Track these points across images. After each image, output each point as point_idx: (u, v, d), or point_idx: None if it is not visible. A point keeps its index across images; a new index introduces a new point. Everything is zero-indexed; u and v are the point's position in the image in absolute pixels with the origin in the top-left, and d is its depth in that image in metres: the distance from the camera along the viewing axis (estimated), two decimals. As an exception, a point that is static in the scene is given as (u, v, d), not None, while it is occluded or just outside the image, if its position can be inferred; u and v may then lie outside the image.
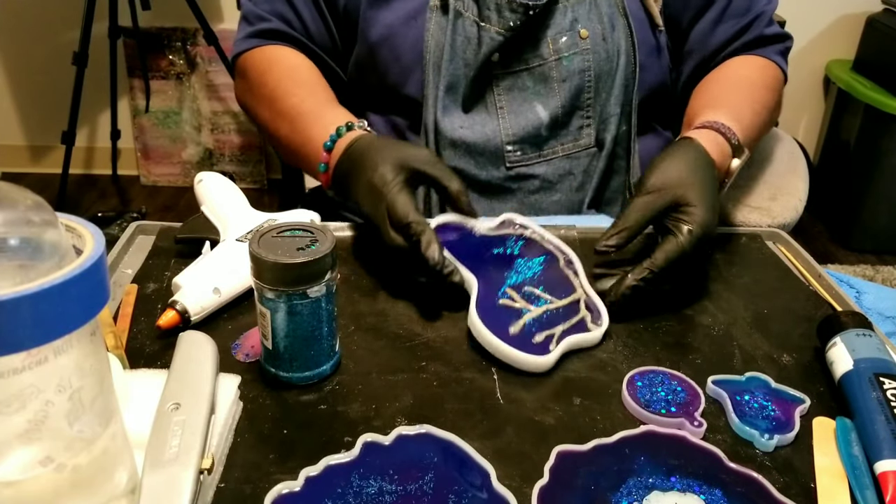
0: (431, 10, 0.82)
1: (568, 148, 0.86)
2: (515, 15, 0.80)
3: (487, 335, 0.55)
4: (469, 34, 0.82)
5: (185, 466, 0.40)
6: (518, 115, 0.84)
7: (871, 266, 2.14)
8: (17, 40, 2.43)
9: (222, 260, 0.63)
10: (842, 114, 2.30)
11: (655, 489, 0.45)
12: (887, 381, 0.51)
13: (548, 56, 0.83)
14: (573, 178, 0.87)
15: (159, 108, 2.50)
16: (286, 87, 0.82)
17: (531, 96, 0.84)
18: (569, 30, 0.83)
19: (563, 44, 0.83)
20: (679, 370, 0.56)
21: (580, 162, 0.87)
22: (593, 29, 0.83)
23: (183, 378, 0.46)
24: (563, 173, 0.86)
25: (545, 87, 0.84)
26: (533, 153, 0.86)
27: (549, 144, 0.86)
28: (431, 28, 0.82)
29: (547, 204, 0.87)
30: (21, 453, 0.34)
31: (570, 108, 0.85)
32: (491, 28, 0.81)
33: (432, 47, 0.82)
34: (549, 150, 0.86)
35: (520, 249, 0.66)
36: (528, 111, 0.84)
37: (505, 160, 0.85)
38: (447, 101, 0.83)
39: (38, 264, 0.31)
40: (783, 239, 0.78)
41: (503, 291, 0.60)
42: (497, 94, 0.84)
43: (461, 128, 0.84)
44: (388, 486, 0.44)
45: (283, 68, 0.84)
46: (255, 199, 2.09)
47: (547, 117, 0.84)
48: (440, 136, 0.84)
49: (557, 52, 0.83)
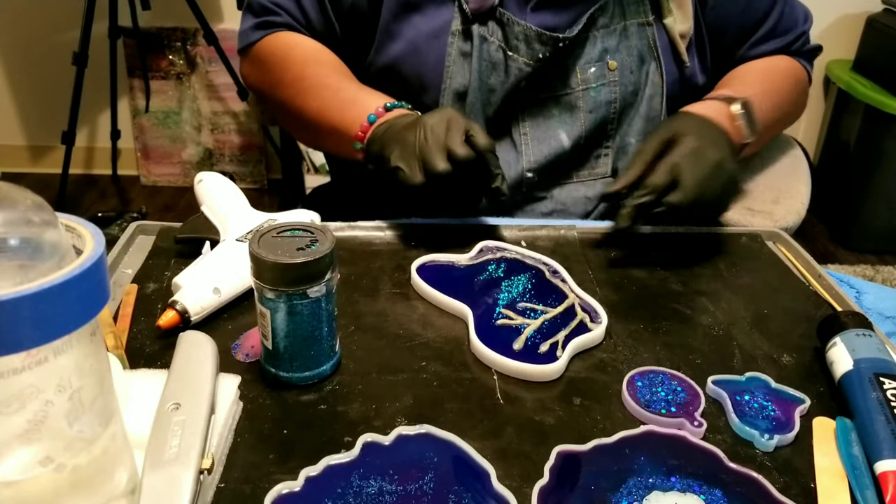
0: (453, 35, 0.81)
1: (584, 175, 0.87)
2: (545, 47, 0.79)
3: (494, 356, 0.56)
4: (495, 60, 0.81)
5: (185, 466, 0.40)
6: (541, 142, 0.84)
7: (871, 266, 2.14)
8: (17, 40, 2.43)
9: (222, 260, 0.63)
10: (842, 114, 2.30)
11: (655, 489, 0.45)
12: (887, 381, 0.51)
13: (575, 86, 0.83)
14: (588, 202, 0.87)
15: (159, 108, 2.50)
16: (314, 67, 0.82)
17: (556, 124, 0.84)
18: (598, 60, 0.83)
19: (591, 74, 0.83)
20: (679, 370, 0.56)
21: (595, 189, 0.87)
22: (622, 61, 0.83)
23: (183, 378, 0.46)
24: (577, 197, 0.87)
25: (571, 115, 0.84)
26: (550, 179, 0.86)
27: (567, 173, 0.86)
28: (453, 52, 0.81)
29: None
30: (21, 453, 0.34)
31: (592, 138, 0.85)
32: (519, 58, 0.80)
33: (453, 71, 0.81)
34: (565, 178, 0.86)
35: (503, 271, 0.67)
36: (552, 138, 0.84)
37: (523, 185, 0.85)
38: None
39: (38, 264, 0.31)
40: (783, 239, 0.78)
41: (498, 312, 0.61)
42: (521, 120, 0.84)
43: None
44: (388, 486, 0.44)
45: (306, 50, 0.84)
46: (255, 199, 2.08)
47: (570, 145, 0.84)
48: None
49: (585, 83, 0.83)
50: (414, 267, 0.67)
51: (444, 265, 0.68)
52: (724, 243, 0.77)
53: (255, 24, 0.87)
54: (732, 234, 0.79)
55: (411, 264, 0.67)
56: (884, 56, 2.15)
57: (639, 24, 0.83)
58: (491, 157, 0.67)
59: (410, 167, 0.66)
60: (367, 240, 0.74)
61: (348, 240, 0.73)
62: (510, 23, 0.79)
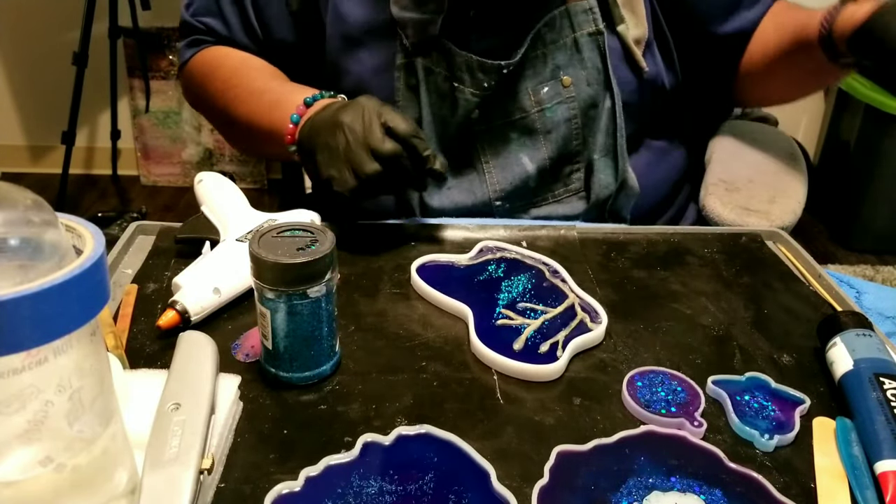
0: (399, 69, 0.79)
1: (559, 194, 0.84)
2: (489, 76, 0.77)
3: (494, 356, 0.56)
4: (442, 91, 0.79)
5: (185, 466, 0.40)
6: (504, 169, 0.82)
7: (871, 266, 2.14)
8: (17, 40, 2.43)
9: (222, 260, 0.63)
10: (842, 114, 2.30)
11: (655, 489, 0.45)
12: (887, 381, 0.51)
13: (529, 108, 0.80)
14: (564, 217, 0.85)
15: (159, 108, 2.50)
16: (242, 74, 0.81)
17: (516, 149, 0.82)
18: (550, 79, 0.79)
19: (544, 94, 0.80)
20: (679, 370, 0.56)
21: (572, 206, 0.85)
22: (576, 75, 0.80)
23: (183, 378, 0.46)
24: (553, 215, 0.85)
25: (530, 139, 0.81)
26: (522, 203, 0.84)
27: (538, 194, 0.84)
28: (401, 87, 0.79)
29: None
30: (21, 453, 0.34)
31: (557, 158, 0.82)
32: (465, 89, 0.78)
33: (403, 106, 0.80)
34: (539, 198, 0.84)
35: (503, 271, 0.67)
36: (515, 164, 0.82)
37: (493, 211, 0.84)
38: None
39: (38, 264, 0.31)
40: (783, 239, 0.78)
41: (498, 313, 0.61)
42: (482, 150, 0.82)
43: (449, 188, 0.83)
44: (388, 486, 0.44)
45: (234, 60, 0.84)
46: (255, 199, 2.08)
47: (534, 169, 0.82)
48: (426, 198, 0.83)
49: (539, 104, 0.80)
50: (414, 267, 0.67)
51: (444, 265, 0.68)
52: (724, 243, 0.77)
53: (187, 42, 0.88)
54: (732, 234, 0.79)
55: (411, 264, 0.67)
56: (884, 56, 2.14)
57: (589, 34, 0.79)
58: (417, 142, 0.65)
59: (341, 174, 0.65)
60: (367, 240, 0.74)
61: (348, 240, 0.73)
62: (452, 53, 0.77)
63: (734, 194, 0.88)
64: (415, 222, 0.77)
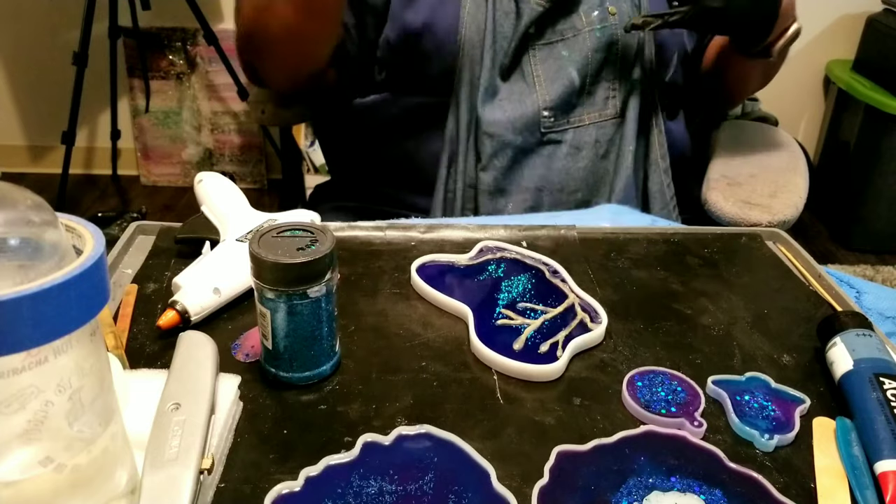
0: None
1: (595, 117, 0.91)
2: None
3: (494, 356, 0.56)
4: (507, 9, 0.88)
5: (185, 466, 0.40)
6: (554, 81, 0.90)
7: (871, 266, 2.15)
8: (17, 40, 2.43)
9: (222, 260, 0.63)
10: (842, 114, 2.30)
11: (655, 489, 0.45)
12: (887, 381, 0.51)
13: (581, 27, 0.89)
14: (599, 145, 0.92)
15: (159, 108, 2.50)
16: None
17: (566, 63, 0.90)
18: (599, 6, 0.90)
19: (595, 17, 0.89)
20: (679, 370, 0.56)
21: (606, 131, 0.92)
22: (620, 7, 0.90)
23: (183, 378, 0.46)
24: (589, 140, 0.91)
25: (579, 54, 0.90)
26: (563, 119, 0.91)
27: (576, 112, 0.91)
28: (468, 5, 0.87)
29: (574, 170, 0.91)
30: (21, 453, 0.34)
31: (597, 77, 0.90)
32: (531, 1, 0.87)
33: (469, 23, 0.87)
34: (576, 117, 0.91)
35: (503, 271, 0.67)
36: (564, 77, 0.90)
37: (540, 125, 0.90)
38: (487, 75, 0.88)
39: (38, 264, 0.31)
40: (783, 239, 0.78)
41: (498, 312, 0.61)
42: (534, 64, 0.89)
43: (500, 100, 0.89)
44: (388, 486, 0.44)
45: None
46: (255, 199, 2.09)
47: (579, 82, 0.90)
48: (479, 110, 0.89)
49: (590, 24, 0.89)
50: (414, 267, 0.67)
51: (444, 265, 0.68)
52: (724, 243, 0.77)
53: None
54: (732, 234, 0.79)
55: (411, 264, 0.67)
56: (884, 56, 2.15)
57: None
58: None
59: None
60: (367, 240, 0.74)
61: (348, 240, 0.73)
62: None
63: (736, 189, 0.89)
64: (415, 222, 0.78)
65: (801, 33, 0.88)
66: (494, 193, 0.90)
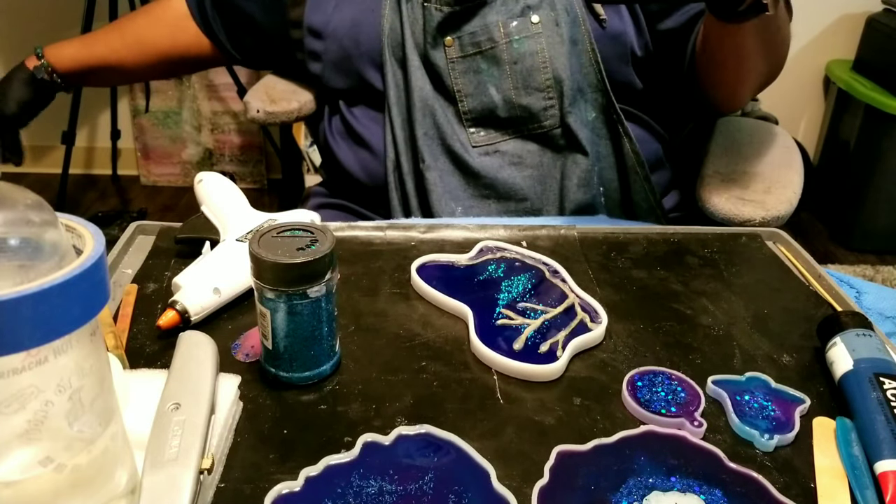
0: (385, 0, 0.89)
1: (534, 128, 0.89)
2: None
3: (494, 356, 0.56)
4: (416, 15, 0.88)
5: (185, 466, 0.40)
6: (474, 97, 0.88)
7: (871, 266, 2.14)
8: (17, 40, 2.43)
9: (222, 260, 0.63)
10: (842, 114, 2.30)
11: (655, 489, 0.45)
12: (887, 381, 0.51)
13: (499, 39, 0.87)
14: (542, 154, 0.90)
15: (159, 108, 2.50)
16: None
17: (485, 78, 0.88)
18: (520, 16, 0.86)
19: (513, 28, 0.86)
20: (679, 370, 0.56)
21: (550, 140, 0.89)
22: (545, 16, 0.86)
23: (183, 378, 0.47)
24: (531, 150, 0.89)
25: (498, 69, 0.87)
26: (496, 133, 0.89)
27: (512, 126, 0.89)
28: (386, 14, 0.88)
29: (520, 179, 0.89)
30: (21, 453, 0.34)
31: (524, 90, 0.87)
32: (431, 6, 0.86)
33: (387, 29, 0.88)
34: (512, 129, 0.90)
35: (503, 271, 0.67)
36: (483, 93, 0.88)
37: (470, 141, 0.89)
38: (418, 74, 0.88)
39: (38, 264, 0.31)
40: (783, 239, 0.78)
41: (498, 312, 0.61)
42: (454, 77, 0.88)
43: (431, 98, 0.89)
44: (388, 486, 0.44)
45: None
46: (255, 199, 2.09)
47: (500, 99, 0.88)
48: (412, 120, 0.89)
49: (508, 36, 0.86)
50: (414, 267, 0.67)
51: (444, 265, 0.68)
52: (724, 243, 0.77)
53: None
54: (732, 234, 0.79)
55: (411, 264, 0.67)
56: (884, 56, 2.15)
57: None
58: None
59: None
60: (367, 240, 0.74)
61: (348, 240, 0.73)
62: None
63: (730, 185, 0.89)
64: (415, 222, 0.78)
65: None
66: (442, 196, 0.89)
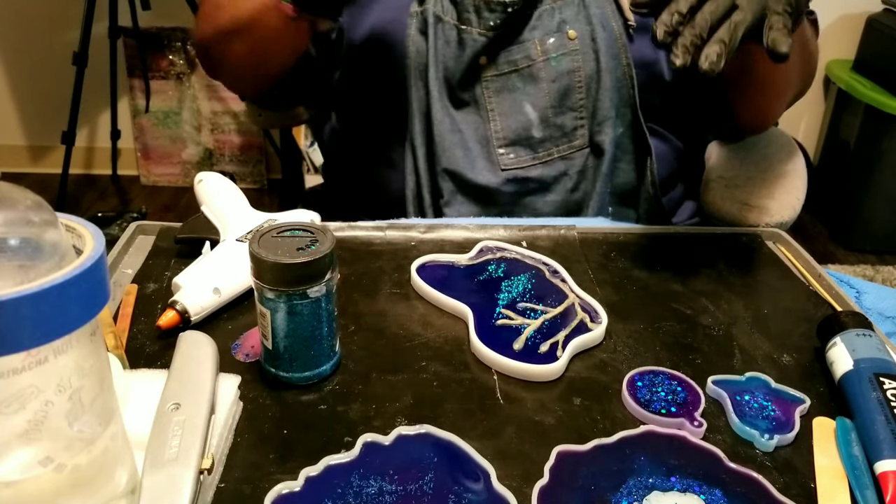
0: (411, 17, 0.82)
1: (564, 150, 0.86)
2: (494, 14, 0.80)
3: (494, 356, 0.56)
4: (449, 38, 0.83)
5: (185, 466, 0.40)
6: (508, 116, 0.84)
7: (871, 266, 2.15)
8: (17, 40, 2.43)
9: (222, 260, 0.63)
10: (842, 114, 2.30)
11: (655, 489, 0.45)
12: (887, 381, 0.51)
13: (536, 57, 0.83)
14: (568, 178, 0.86)
15: (159, 108, 2.50)
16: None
17: (521, 97, 0.84)
18: (556, 31, 0.83)
19: (550, 45, 0.83)
20: (679, 370, 0.56)
21: (575, 163, 0.86)
22: (581, 30, 0.83)
23: (183, 378, 0.47)
24: (557, 174, 0.86)
25: (535, 87, 0.84)
26: (527, 156, 0.85)
27: (543, 146, 0.86)
28: (412, 33, 0.83)
29: (540, 204, 0.87)
30: (21, 453, 0.34)
31: (559, 108, 0.85)
32: (473, 30, 0.82)
33: (413, 52, 0.83)
34: (543, 152, 0.86)
35: (503, 271, 0.67)
36: (518, 112, 0.84)
37: (499, 164, 0.85)
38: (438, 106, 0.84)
39: (38, 264, 0.31)
40: (783, 239, 0.78)
41: (498, 312, 0.61)
42: (487, 96, 0.84)
43: (451, 132, 0.84)
44: (388, 486, 0.44)
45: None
46: (255, 199, 2.09)
47: (537, 118, 0.84)
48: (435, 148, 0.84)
49: (546, 53, 0.83)
50: (414, 267, 0.67)
51: (444, 265, 0.68)
52: (724, 243, 0.77)
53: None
54: (732, 234, 0.79)
55: (411, 264, 0.67)
56: (884, 56, 2.15)
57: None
58: None
59: None
60: (367, 240, 0.74)
61: (348, 240, 0.73)
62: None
63: (734, 190, 0.89)
64: (415, 222, 0.78)
65: None
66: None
